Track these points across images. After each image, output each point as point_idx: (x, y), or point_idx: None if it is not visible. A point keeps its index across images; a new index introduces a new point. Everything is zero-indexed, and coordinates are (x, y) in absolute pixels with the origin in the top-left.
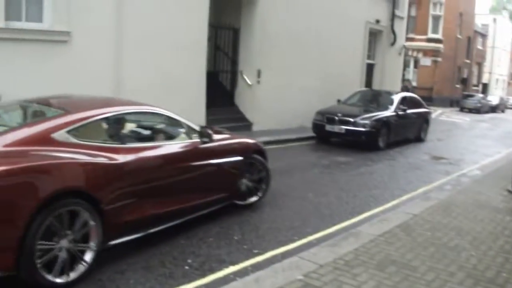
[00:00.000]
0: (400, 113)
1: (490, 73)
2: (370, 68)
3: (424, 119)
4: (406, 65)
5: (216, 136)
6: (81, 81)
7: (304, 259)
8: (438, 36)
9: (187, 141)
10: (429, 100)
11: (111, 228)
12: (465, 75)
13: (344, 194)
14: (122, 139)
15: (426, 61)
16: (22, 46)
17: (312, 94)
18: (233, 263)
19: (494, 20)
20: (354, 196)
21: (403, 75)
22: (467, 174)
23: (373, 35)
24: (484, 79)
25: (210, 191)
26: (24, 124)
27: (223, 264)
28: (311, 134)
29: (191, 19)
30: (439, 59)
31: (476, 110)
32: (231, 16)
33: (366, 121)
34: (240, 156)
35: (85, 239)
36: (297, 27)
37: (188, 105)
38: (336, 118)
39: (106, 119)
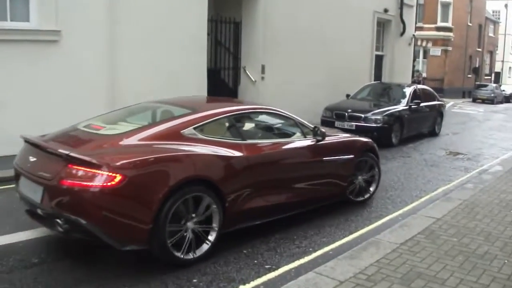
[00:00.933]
0: (413, 106)
1: (502, 61)
2: (379, 60)
3: (438, 112)
4: (415, 56)
5: (328, 135)
6: (73, 82)
7: (321, 275)
8: (448, 24)
9: (302, 139)
10: (440, 92)
11: (230, 215)
12: (476, 64)
13: None
14: (242, 136)
15: (436, 51)
16: (9, 47)
17: (319, 90)
18: (243, 281)
19: (506, 5)
20: (370, 198)
21: (413, 66)
22: (488, 171)
23: (381, 25)
24: (497, 68)
25: (321, 188)
26: (157, 122)
27: (232, 283)
28: None
29: (189, 14)
30: (449, 48)
31: (490, 101)
32: (231, 9)
33: (378, 117)
34: (352, 154)
35: (208, 221)
36: (302, 19)
37: None
38: (346, 114)
39: (228, 117)
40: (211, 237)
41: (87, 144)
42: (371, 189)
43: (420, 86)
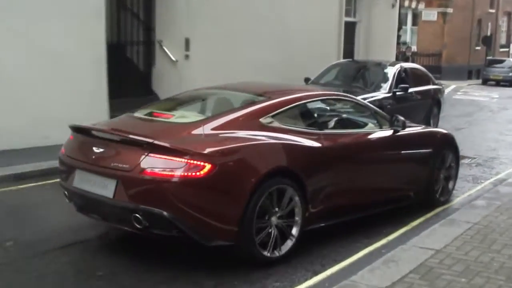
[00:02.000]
0: (399, 93)
1: None
2: (350, 29)
3: (434, 100)
4: (401, 23)
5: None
6: None
7: None
8: None
9: (380, 130)
10: (437, 71)
11: (311, 211)
12: (488, 32)
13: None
14: (319, 125)
15: (430, 15)
16: None
17: (268, 72)
18: None
19: None
20: (342, 223)
21: (398, 37)
22: (508, 181)
23: None
24: None
25: (397, 186)
26: (232, 109)
27: None
28: None
29: None
30: (449, 10)
31: (507, 82)
32: None
33: None
34: (432, 147)
35: (290, 215)
36: None
37: (80, 97)
38: None
39: (304, 104)
40: (294, 231)
41: (163, 132)
42: (450, 187)
43: (408, 65)
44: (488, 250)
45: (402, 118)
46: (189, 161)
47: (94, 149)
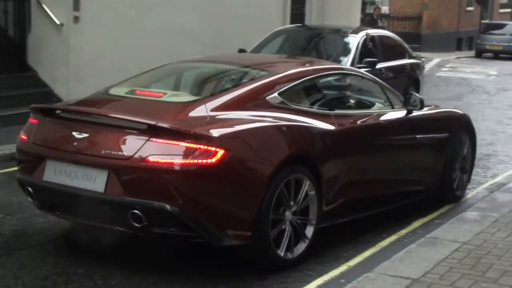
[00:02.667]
0: (364, 70)
1: None
2: None
3: (410, 78)
4: None
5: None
6: None
7: None
8: None
9: (393, 110)
10: (415, 41)
11: (325, 206)
12: None
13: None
14: (329, 104)
15: None
16: None
17: (190, 40)
18: None
19: None
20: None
21: None
22: (507, 186)
23: None
24: None
25: (412, 177)
26: (233, 86)
27: None
28: None
29: None
30: None
31: (510, 54)
32: None
33: None
34: (448, 131)
35: (304, 212)
36: None
37: None
38: None
39: (312, 80)
40: (308, 232)
41: (161, 113)
42: (465, 180)
43: (377, 32)
44: (482, 278)
45: (419, 96)
46: (199, 146)
47: (75, 134)
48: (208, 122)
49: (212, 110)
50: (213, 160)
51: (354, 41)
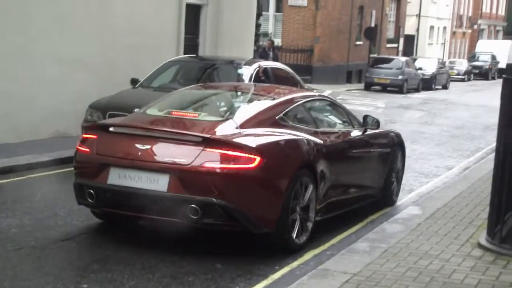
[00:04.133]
0: None
1: (419, 15)
2: (194, 15)
3: None
4: (261, 9)
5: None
6: None
7: None
8: None
9: (358, 128)
10: (307, 73)
11: (318, 205)
12: (372, 23)
13: None
14: (316, 123)
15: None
16: None
17: (85, 71)
18: None
19: None
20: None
21: (258, 26)
22: (396, 217)
23: None
24: (409, 29)
25: (369, 183)
26: (251, 108)
27: None
28: None
29: None
30: None
31: (396, 87)
32: None
33: None
34: (390, 147)
35: (305, 210)
36: None
37: None
38: None
39: (303, 104)
40: (309, 225)
41: (207, 129)
42: (398, 188)
43: (269, 64)
44: None
45: (375, 117)
46: (242, 154)
47: (138, 146)
48: (243, 136)
49: (239, 127)
50: (253, 165)
51: (247, 72)
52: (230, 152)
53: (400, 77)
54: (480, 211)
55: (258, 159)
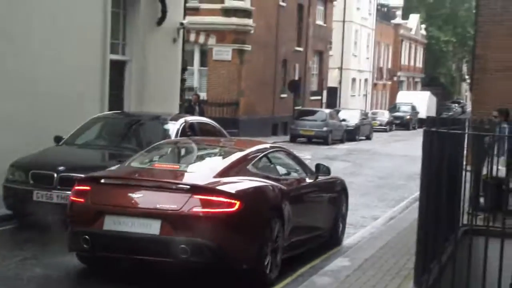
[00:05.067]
0: None
1: (341, 68)
2: (119, 71)
3: None
4: (186, 63)
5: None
6: None
7: None
8: (245, 3)
9: (309, 176)
10: (234, 126)
11: (284, 243)
12: (296, 76)
13: None
14: (277, 171)
15: (223, 53)
16: None
17: (4, 130)
18: None
19: None
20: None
21: (183, 81)
22: (324, 269)
23: (122, 6)
24: (331, 81)
25: (320, 224)
26: (225, 159)
27: None
28: (4, 211)
29: None
30: (247, 47)
31: (321, 139)
32: None
33: None
34: (336, 192)
35: (275, 248)
36: None
37: None
38: (55, 176)
39: (266, 155)
40: (278, 259)
41: (190, 179)
42: (341, 229)
43: (195, 119)
44: None
45: (326, 165)
46: (224, 199)
47: (131, 194)
48: (222, 184)
49: (217, 176)
50: (234, 208)
51: (174, 128)
52: (214, 198)
53: (324, 128)
54: (406, 261)
55: (238, 203)
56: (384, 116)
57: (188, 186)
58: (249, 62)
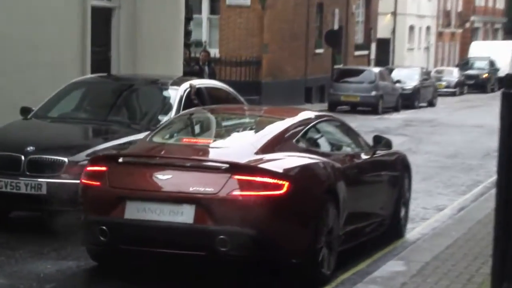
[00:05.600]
0: None
1: (394, 14)
2: (104, 22)
3: None
4: (191, 11)
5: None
6: None
7: None
8: None
9: (365, 150)
10: (255, 92)
11: (340, 233)
12: (335, 25)
13: None
14: (327, 146)
15: None
16: None
17: None
18: None
19: None
20: None
21: (188, 33)
22: (372, 277)
23: None
24: (382, 31)
25: (378, 211)
26: (266, 131)
27: None
28: None
29: None
30: None
31: (369, 106)
32: None
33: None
34: (398, 171)
35: (330, 239)
36: None
37: None
38: (22, 158)
39: (315, 126)
40: (334, 253)
41: (229, 156)
42: (403, 218)
43: (205, 83)
44: None
45: (386, 137)
46: (271, 180)
47: (157, 176)
48: (266, 161)
49: (258, 152)
50: (282, 191)
51: (176, 94)
52: (258, 179)
53: (373, 93)
54: (481, 264)
55: (286, 184)
56: (452, 75)
57: (227, 165)
58: (273, 8)
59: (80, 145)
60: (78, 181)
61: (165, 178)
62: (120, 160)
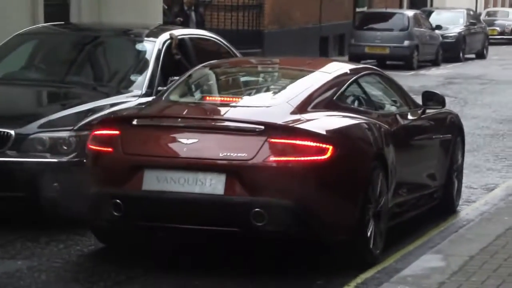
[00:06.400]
0: None
1: None
2: None
3: None
4: None
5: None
6: None
7: None
8: None
9: (412, 109)
10: (257, 43)
11: (390, 205)
12: None
13: None
14: (373, 103)
15: None
16: None
17: None
18: None
19: None
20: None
21: None
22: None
23: None
24: None
25: (429, 180)
26: (300, 88)
27: None
28: None
29: None
30: None
31: (402, 60)
32: None
33: (60, 134)
34: (451, 133)
35: (378, 212)
36: None
37: None
38: None
39: (357, 81)
40: (383, 227)
41: (260, 116)
42: (456, 189)
43: (190, 33)
44: None
45: (439, 93)
46: (313, 144)
47: (181, 140)
48: (306, 122)
49: (296, 112)
50: (326, 156)
51: (152, 48)
52: (298, 142)
53: (406, 43)
54: None
55: (330, 148)
56: (508, 18)
57: (262, 127)
58: None
59: (30, 114)
60: (28, 159)
61: (189, 143)
62: (135, 122)
